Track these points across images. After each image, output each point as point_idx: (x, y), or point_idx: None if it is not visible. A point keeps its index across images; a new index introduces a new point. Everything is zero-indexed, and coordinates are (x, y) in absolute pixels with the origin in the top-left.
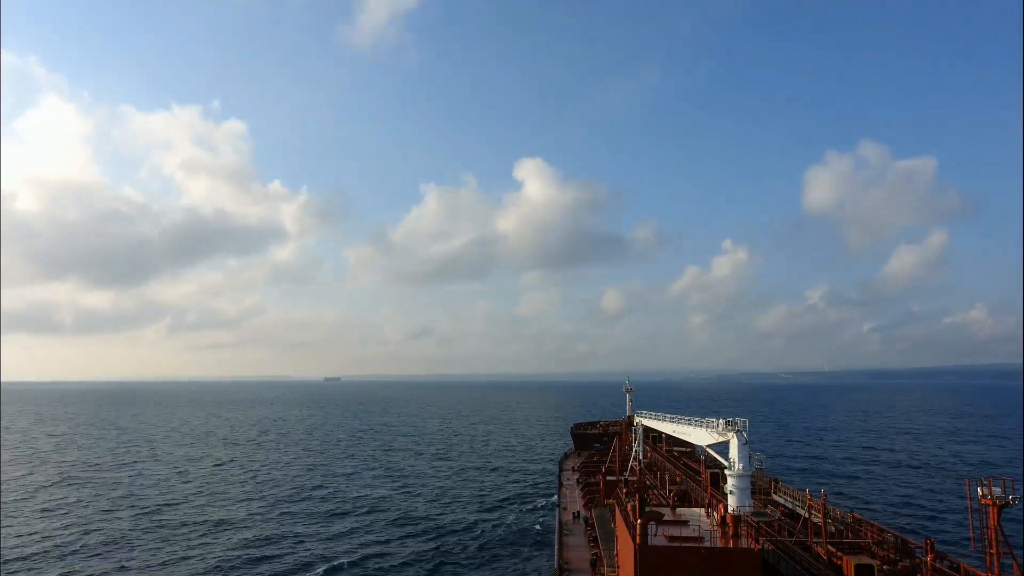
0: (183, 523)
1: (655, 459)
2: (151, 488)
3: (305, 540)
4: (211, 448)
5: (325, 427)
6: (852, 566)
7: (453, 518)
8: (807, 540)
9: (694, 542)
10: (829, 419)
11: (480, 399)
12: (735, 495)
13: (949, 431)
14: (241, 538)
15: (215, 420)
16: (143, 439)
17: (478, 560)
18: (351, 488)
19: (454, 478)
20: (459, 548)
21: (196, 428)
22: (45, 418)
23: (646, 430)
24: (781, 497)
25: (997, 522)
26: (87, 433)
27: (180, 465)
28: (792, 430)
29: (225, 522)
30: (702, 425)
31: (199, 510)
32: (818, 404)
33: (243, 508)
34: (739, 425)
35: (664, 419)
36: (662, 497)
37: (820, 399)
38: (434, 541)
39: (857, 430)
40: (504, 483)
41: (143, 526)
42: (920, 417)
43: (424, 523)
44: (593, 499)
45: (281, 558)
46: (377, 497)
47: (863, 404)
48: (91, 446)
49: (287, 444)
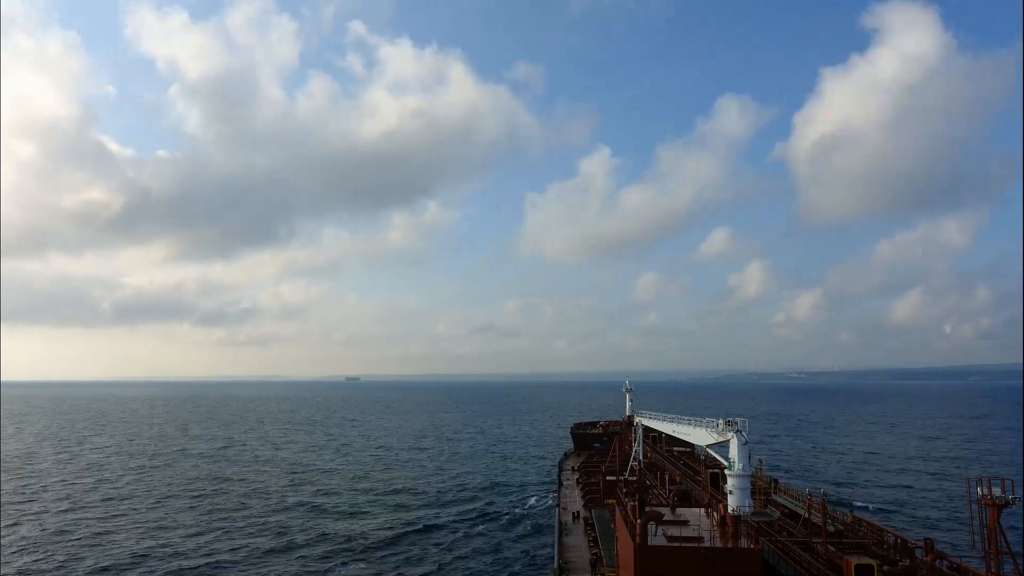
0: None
1: (655, 459)
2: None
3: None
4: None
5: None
6: (852, 566)
7: (453, 518)
8: (807, 540)
9: (694, 542)
10: (830, 419)
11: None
12: (735, 495)
13: (956, 432)
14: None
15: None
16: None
17: (478, 560)
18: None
19: (454, 477)
20: (459, 548)
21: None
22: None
23: (646, 430)
24: (781, 497)
25: (997, 522)
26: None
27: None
28: (793, 430)
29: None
30: (702, 425)
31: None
32: (821, 403)
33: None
34: (739, 425)
35: (664, 419)
36: (662, 497)
37: (823, 399)
38: (434, 541)
39: (859, 430)
40: (504, 483)
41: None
42: (931, 418)
43: (424, 523)
44: (593, 499)
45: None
46: (378, 496)
47: (870, 404)
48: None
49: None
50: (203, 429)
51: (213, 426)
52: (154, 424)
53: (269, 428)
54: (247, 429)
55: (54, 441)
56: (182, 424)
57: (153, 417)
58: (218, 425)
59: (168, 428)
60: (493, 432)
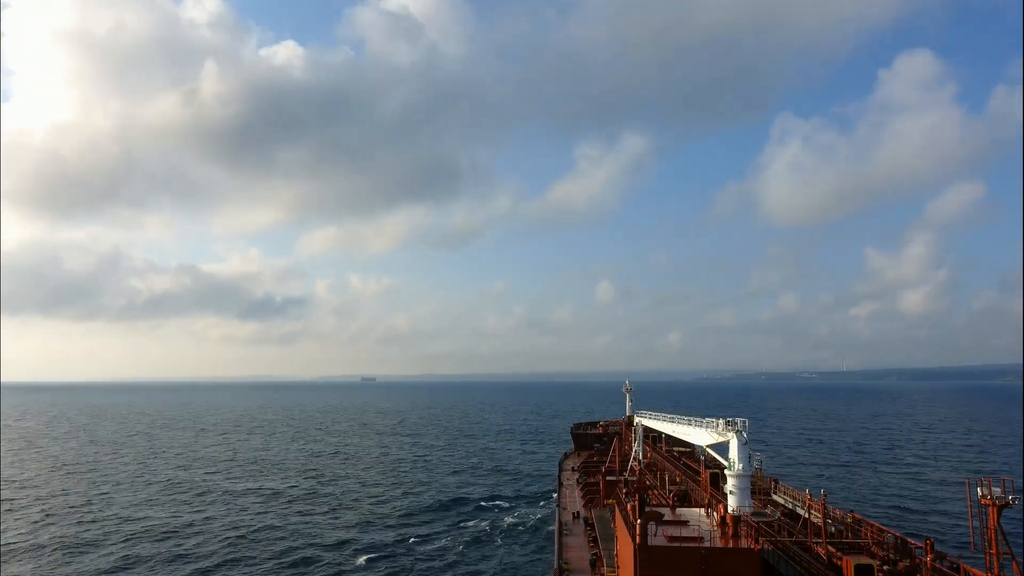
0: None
1: (655, 459)
2: None
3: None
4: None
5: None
6: (852, 566)
7: (452, 518)
8: (807, 540)
9: (694, 542)
10: (831, 419)
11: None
12: (735, 495)
13: (961, 432)
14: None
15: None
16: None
17: (478, 560)
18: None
19: (454, 477)
20: (458, 548)
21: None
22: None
23: (646, 430)
24: (781, 497)
25: (997, 522)
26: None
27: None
28: (793, 430)
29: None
30: (702, 425)
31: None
32: (825, 403)
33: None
34: (739, 425)
35: (664, 419)
36: (662, 497)
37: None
38: (433, 541)
39: (860, 430)
40: (504, 483)
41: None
42: (938, 419)
43: (423, 522)
44: (593, 499)
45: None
46: (378, 495)
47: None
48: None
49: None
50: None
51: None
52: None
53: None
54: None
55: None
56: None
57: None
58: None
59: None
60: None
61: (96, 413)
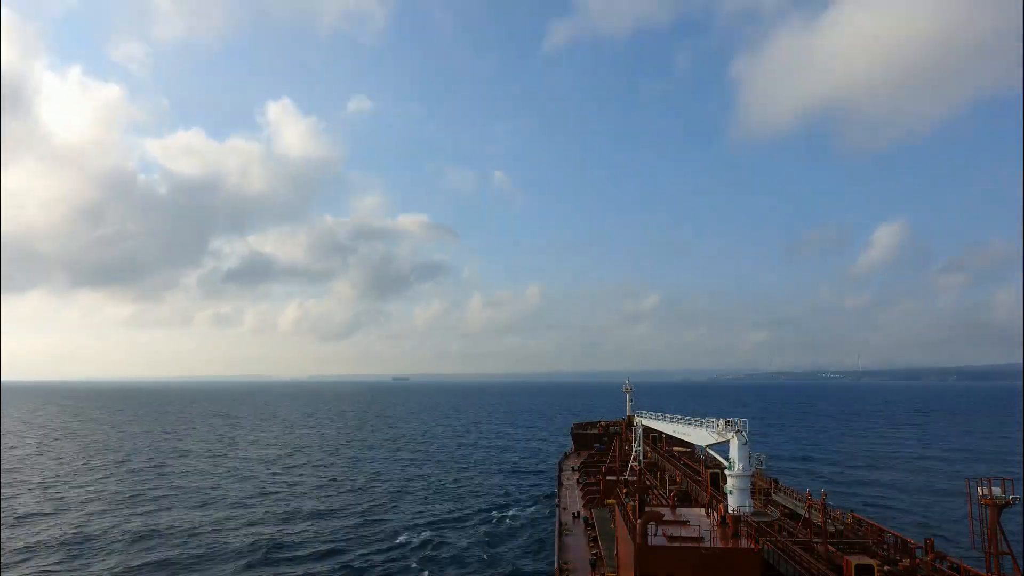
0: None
1: (655, 459)
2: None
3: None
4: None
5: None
6: (852, 566)
7: (452, 518)
8: (807, 540)
9: (694, 542)
10: (831, 420)
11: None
12: (735, 495)
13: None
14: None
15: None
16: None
17: (478, 560)
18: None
19: (453, 477)
20: (458, 548)
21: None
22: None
23: (646, 430)
24: (781, 497)
25: (997, 522)
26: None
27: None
28: (793, 430)
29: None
30: (702, 425)
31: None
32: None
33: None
34: (739, 425)
35: (664, 419)
36: (662, 497)
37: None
38: (433, 540)
39: (861, 431)
40: (503, 482)
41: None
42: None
43: (422, 522)
44: (593, 499)
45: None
46: (380, 493)
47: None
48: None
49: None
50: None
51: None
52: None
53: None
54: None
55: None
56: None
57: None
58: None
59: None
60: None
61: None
